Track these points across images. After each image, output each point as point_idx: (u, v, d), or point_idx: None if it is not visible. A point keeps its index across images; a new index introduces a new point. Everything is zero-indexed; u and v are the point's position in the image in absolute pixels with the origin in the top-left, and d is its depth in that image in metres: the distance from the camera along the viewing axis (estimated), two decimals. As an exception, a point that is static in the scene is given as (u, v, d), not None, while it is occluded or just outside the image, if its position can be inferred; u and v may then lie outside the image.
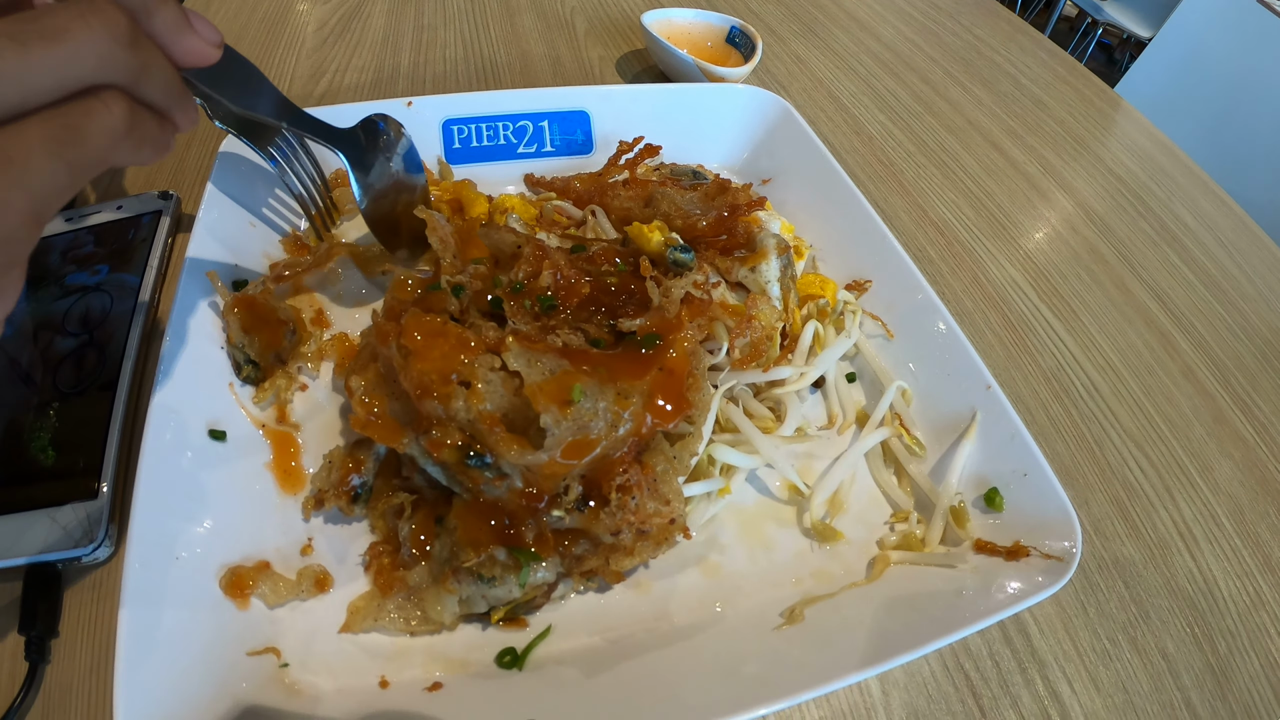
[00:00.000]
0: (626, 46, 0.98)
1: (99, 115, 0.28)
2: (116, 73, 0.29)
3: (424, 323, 0.42)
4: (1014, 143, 0.96)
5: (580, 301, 0.46)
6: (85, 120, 0.28)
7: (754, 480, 0.53)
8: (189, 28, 0.32)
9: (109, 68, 0.29)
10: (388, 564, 0.45)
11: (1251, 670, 0.54)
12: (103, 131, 0.29)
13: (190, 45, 0.33)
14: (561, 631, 0.44)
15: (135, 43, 0.29)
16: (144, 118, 0.31)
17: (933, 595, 0.47)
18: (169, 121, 0.33)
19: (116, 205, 0.64)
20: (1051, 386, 0.68)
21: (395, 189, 0.58)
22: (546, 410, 0.39)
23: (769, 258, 0.54)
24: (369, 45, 0.92)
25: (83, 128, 0.28)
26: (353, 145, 0.56)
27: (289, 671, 0.42)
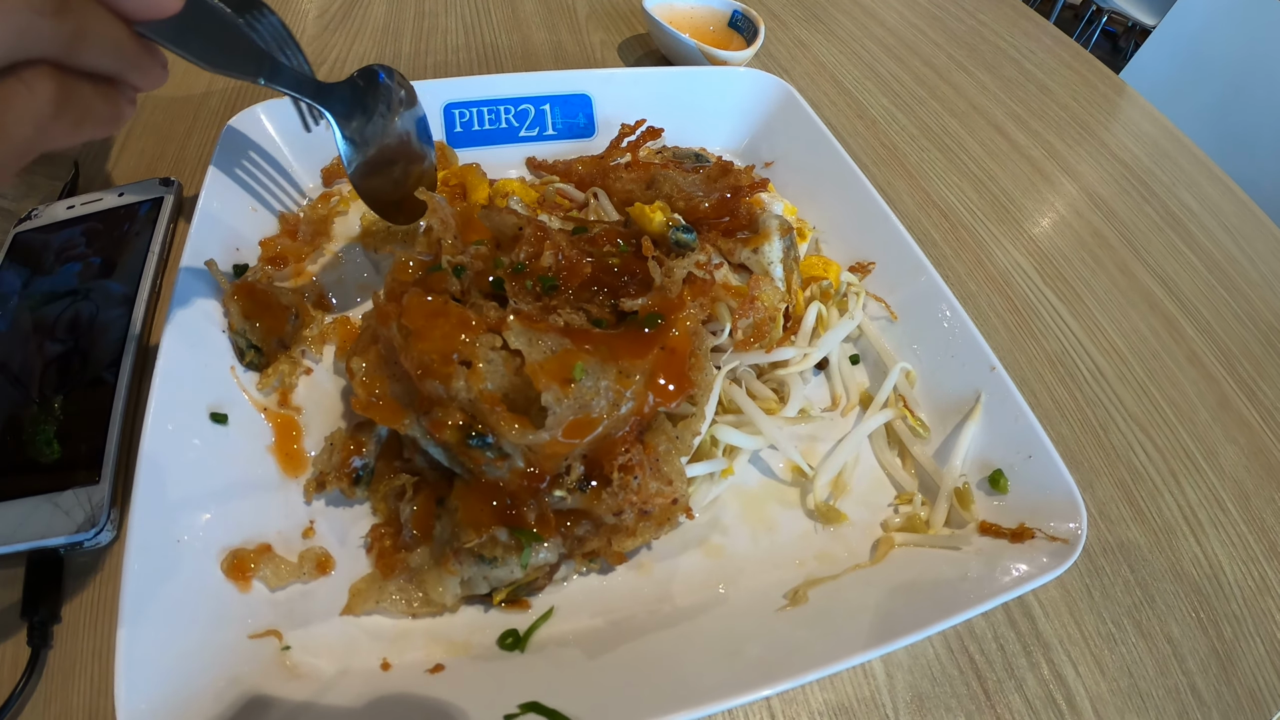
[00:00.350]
0: (628, 31, 0.98)
1: (17, 101, 0.25)
2: (40, 45, 0.25)
3: (425, 303, 0.41)
4: (1018, 127, 0.96)
5: (582, 282, 0.46)
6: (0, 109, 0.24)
7: (757, 461, 0.53)
8: None
9: (29, 40, 0.25)
10: (389, 546, 0.45)
11: (1257, 655, 0.54)
12: (23, 120, 0.25)
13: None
14: (563, 613, 0.44)
15: (61, 8, 0.25)
16: (81, 92, 0.27)
17: (937, 577, 0.47)
18: (122, 86, 0.29)
19: (118, 192, 0.64)
20: (1056, 370, 0.67)
21: (396, 155, 0.54)
22: (548, 389, 0.38)
23: (772, 239, 0.53)
24: (370, 32, 0.91)
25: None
26: (340, 101, 0.51)
27: (291, 654, 0.42)
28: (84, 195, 0.63)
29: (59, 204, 0.63)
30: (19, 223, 0.61)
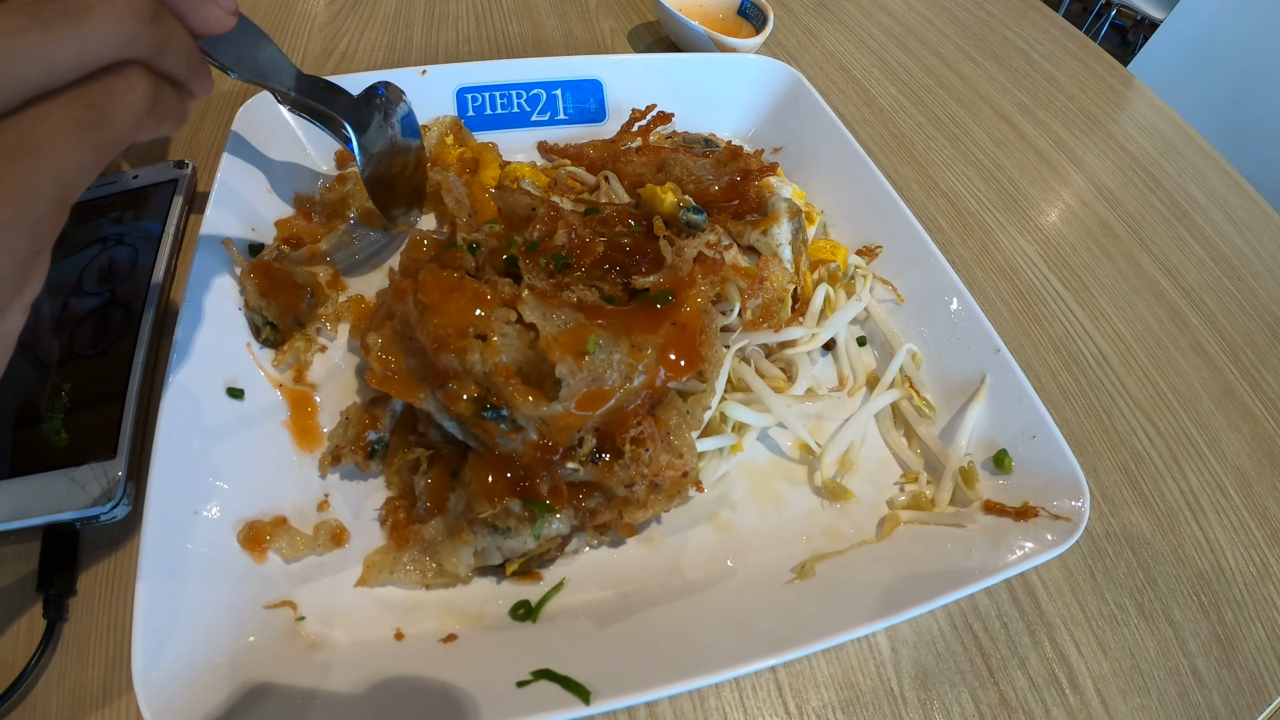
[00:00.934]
0: (639, 19, 0.98)
1: (123, 95, 0.28)
2: (139, 49, 0.28)
3: (441, 278, 0.42)
4: (1025, 117, 0.96)
5: (594, 260, 0.47)
6: (110, 100, 0.28)
7: (765, 439, 0.54)
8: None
9: (132, 44, 0.28)
10: (403, 518, 0.46)
11: (1257, 640, 0.54)
12: (127, 111, 0.28)
13: (208, 14, 0.32)
14: (574, 585, 0.45)
15: (157, 17, 0.29)
16: (165, 91, 0.31)
17: (941, 554, 0.48)
18: (186, 91, 0.33)
19: (133, 175, 0.64)
20: (1060, 355, 0.68)
21: (392, 152, 0.58)
22: (562, 361, 0.39)
23: (780, 221, 0.54)
24: (381, 19, 0.92)
25: (108, 108, 0.27)
26: (357, 115, 0.55)
27: (305, 624, 0.43)
28: (100, 178, 0.64)
29: (76, 185, 0.63)
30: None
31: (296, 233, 0.59)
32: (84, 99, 0.27)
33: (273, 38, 0.48)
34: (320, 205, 0.61)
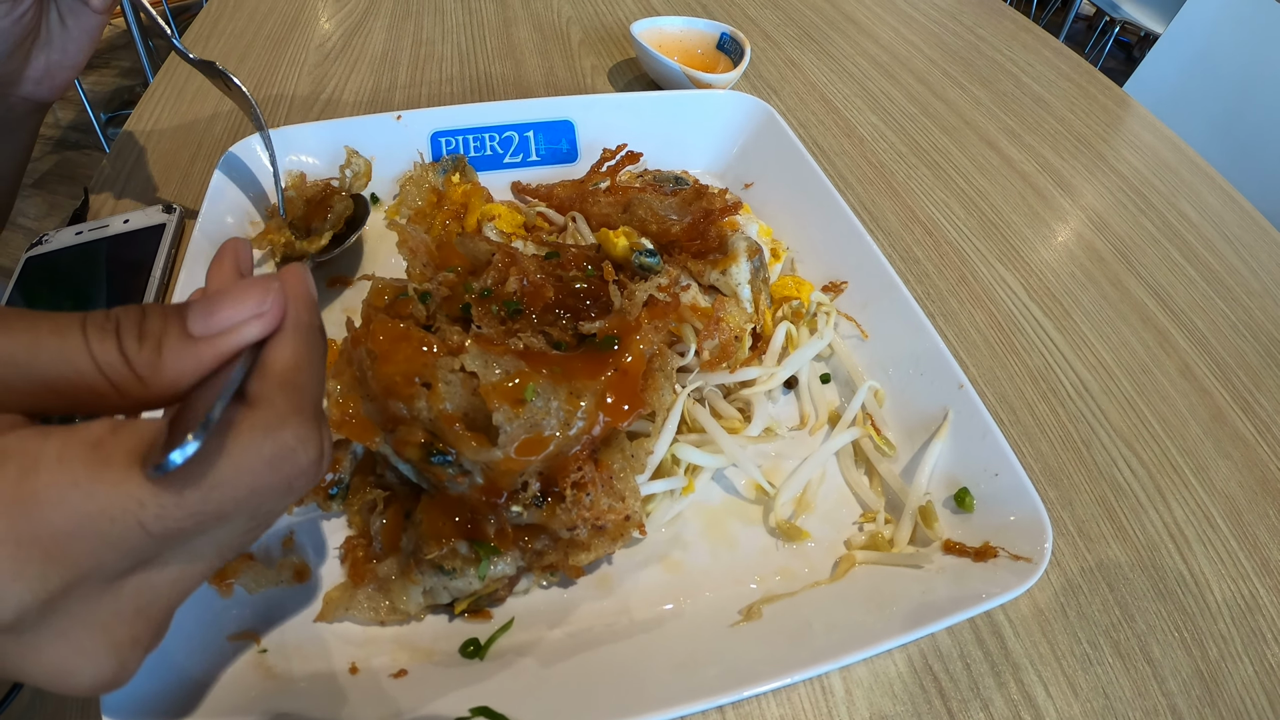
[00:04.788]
0: (620, 55, 1.00)
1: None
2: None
3: (389, 327, 0.43)
4: (1011, 142, 0.96)
5: (546, 305, 0.48)
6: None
7: (720, 479, 0.54)
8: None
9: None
10: (361, 556, 0.47)
11: (1244, 676, 0.53)
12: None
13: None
14: (523, 624, 0.46)
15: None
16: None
17: (897, 594, 0.47)
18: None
19: (124, 219, 0.67)
20: (1038, 386, 0.67)
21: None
22: (499, 409, 0.40)
23: (739, 260, 0.55)
24: (368, 61, 0.95)
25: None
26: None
27: (267, 656, 0.44)
28: (92, 221, 0.67)
29: (68, 230, 0.66)
30: (30, 248, 0.65)
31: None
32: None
33: (264, 78, 0.51)
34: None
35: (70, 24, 0.57)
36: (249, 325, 0.27)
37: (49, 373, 0.24)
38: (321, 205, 0.65)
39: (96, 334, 0.25)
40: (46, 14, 0.57)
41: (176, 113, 0.88)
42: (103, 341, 0.25)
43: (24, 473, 0.22)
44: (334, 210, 0.64)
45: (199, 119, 0.86)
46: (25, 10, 0.54)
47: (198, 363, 0.26)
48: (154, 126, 0.85)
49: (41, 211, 2.54)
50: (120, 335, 0.25)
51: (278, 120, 0.86)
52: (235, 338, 0.26)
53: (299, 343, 0.28)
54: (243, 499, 0.25)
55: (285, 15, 1.08)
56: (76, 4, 0.57)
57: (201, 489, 0.23)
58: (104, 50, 3.54)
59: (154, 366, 0.25)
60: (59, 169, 2.75)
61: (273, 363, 0.27)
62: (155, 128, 0.85)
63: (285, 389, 0.26)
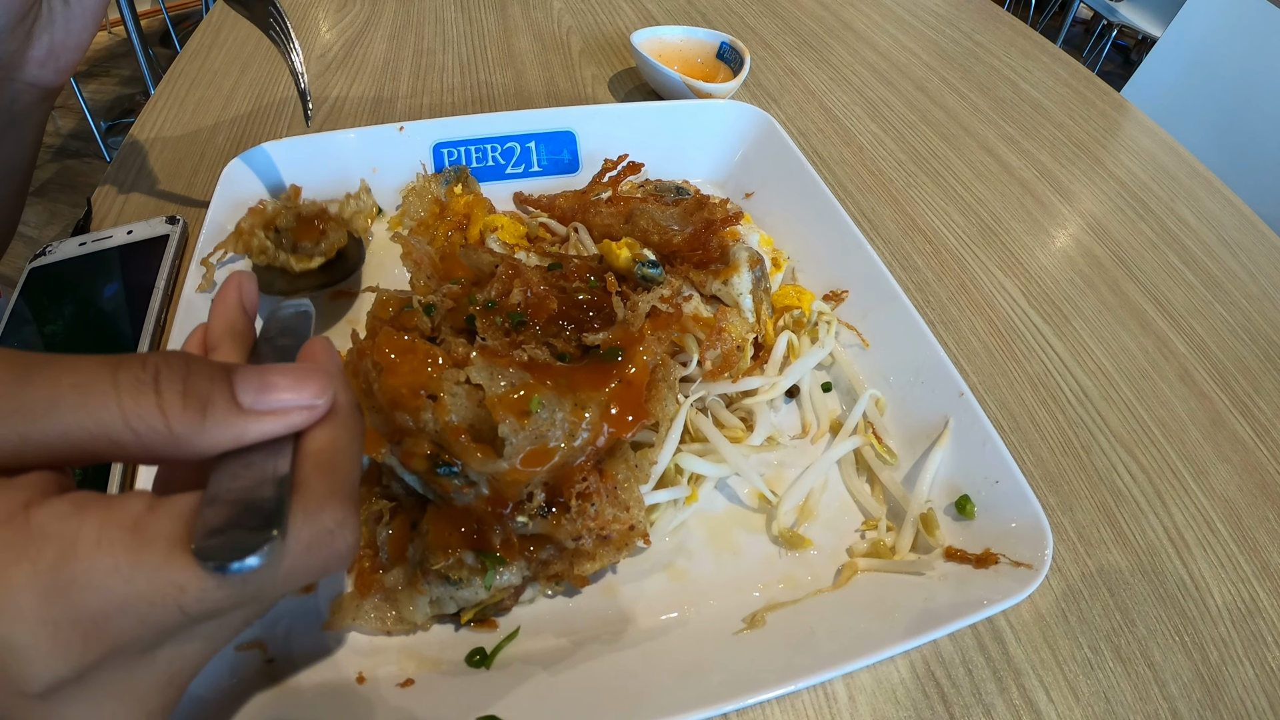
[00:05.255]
0: (620, 65, 1.01)
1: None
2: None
3: (394, 340, 0.44)
4: (1010, 148, 0.96)
5: (550, 317, 0.48)
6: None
7: (724, 488, 0.54)
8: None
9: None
10: (368, 567, 0.48)
11: (1245, 679, 0.53)
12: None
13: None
14: (529, 633, 0.46)
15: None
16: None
17: (897, 601, 0.48)
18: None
19: (127, 230, 0.68)
20: (1038, 393, 0.68)
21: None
22: (504, 420, 0.40)
23: (741, 271, 0.55)
24: (370, 71, 0.96)
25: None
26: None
27: (275, 666, 0.45)
28: (96, 232, 0.68)
29: (72, 240, 0.67)
30: (34, 259, 0.65)
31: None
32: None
33: (266, 89, 0.51)
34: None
35: (73, 2, 0.57)
36: (299, 414, 0.26)
37: (69, 427, 0.23)
38: (312, 226, 0.63)
39: (132, 389, 0.24)
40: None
41: (179, 123, 0.88)
42: (139, 399, 0.24)
43: (63, 557, 0.22)
44: (328, 238, 0.62)
45: (201, 129, 0.87)
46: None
47: (240, 437, 0.25)
48: (156, 137, 0.86)
49: (42, 220, 2.54)
50: (160, 391, 0.24)
51: (278, 131, 0.87)
52: (283, 422, 0.26)
53: (337, 425, 0.28)
54: (281, 583, 0.25)
55: (287, 25, 1.08)
56: None
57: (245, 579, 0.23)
58: (104, 59, 3.55)
59: (194, 430, 0.24)
60: (59, 177, 2.76)
61: (311, 445, 0.27)
62: (158, 138, 0.85)
63: (322, 472, 0.26)
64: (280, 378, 0.26)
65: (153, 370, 0.24)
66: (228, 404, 0.25)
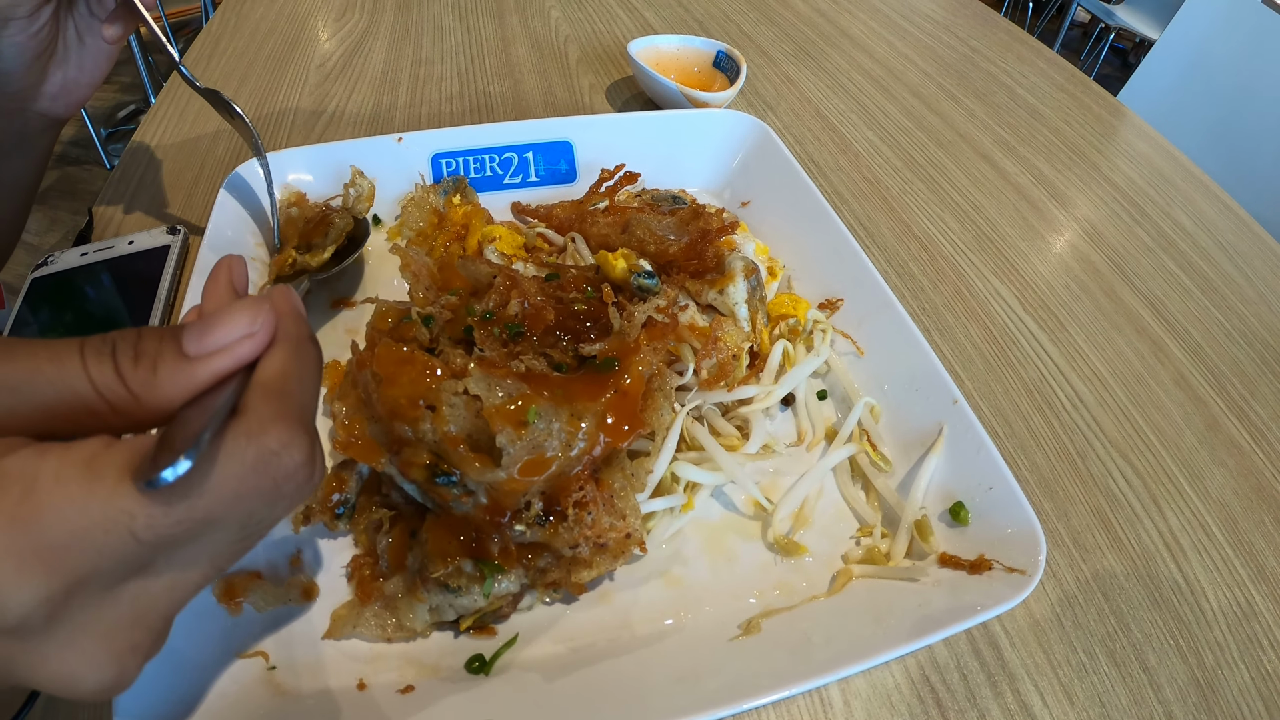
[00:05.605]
0: (617, 74, 1.01)
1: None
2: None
3: (393, 351, 0.45)
4: (1006, 154, 0.97)
5: (547, 328, 0.49)
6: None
7: (720, 495, 0.55)
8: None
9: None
10: (368, 575, 0.48)
11: (1241, 683, 0.53)
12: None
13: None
14: (527, 640, 0.47)
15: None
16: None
17: (892, 607, 0.48)
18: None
19: (128, 240, 0.68)
20: (1033, 399, 0.68)
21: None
22: (502, 431, 0.41)
23: (736, 280, 0.56)
24: (368, 81, 0.96)
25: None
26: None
27: (276, 673, 0.45)
28: (97, 242, 0.68)
29: (74, 250, 0.68)
30: (36, 268, 0.66)
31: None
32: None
33: (265, 99, 0.52)
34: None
35: (88, 41, 0.59)
36: (241, 345, 0.28)
37: (48, 397, 0.26)
38: (321, 224, 0.66)
39: (94, 357, 0.26)
40: (64, 31, 0.58)
41: (179, 133, 0.89)
42: (99, 364, 0.26)
43: (25, 493, 0.23)
44: (334, 227, 0.65)
45: (201, 140, 0.87)
46: (42, 26, 0.55)
47: (191, 381, 0.27)
48: (157, 147, 0.87)
49: (43, 227, 2.55)
50: (116, 356, 0.26)
51: (279, 141, 0.88)
52: (228, 357, 0.28)
53: (286, 354, 0.29)
54: (229, 504, 0.26)
55: (286, 35, 1.09)
56: (94, 22, 0.58)
57: (188, 498, 0.25)
58: (105, 66, 3.56)
59: (149, 385, 0.26)
60: (60, 185, 2.77)
61: (260, 374, 0.28)
62: (158, 148, 0.86)
63: (269, 396, 0.27)
64: (215, 318, 0.28)
65: (111, 341, 0.27)
66: (175, 355, 0.27)
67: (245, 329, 0.28)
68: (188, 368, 0.27)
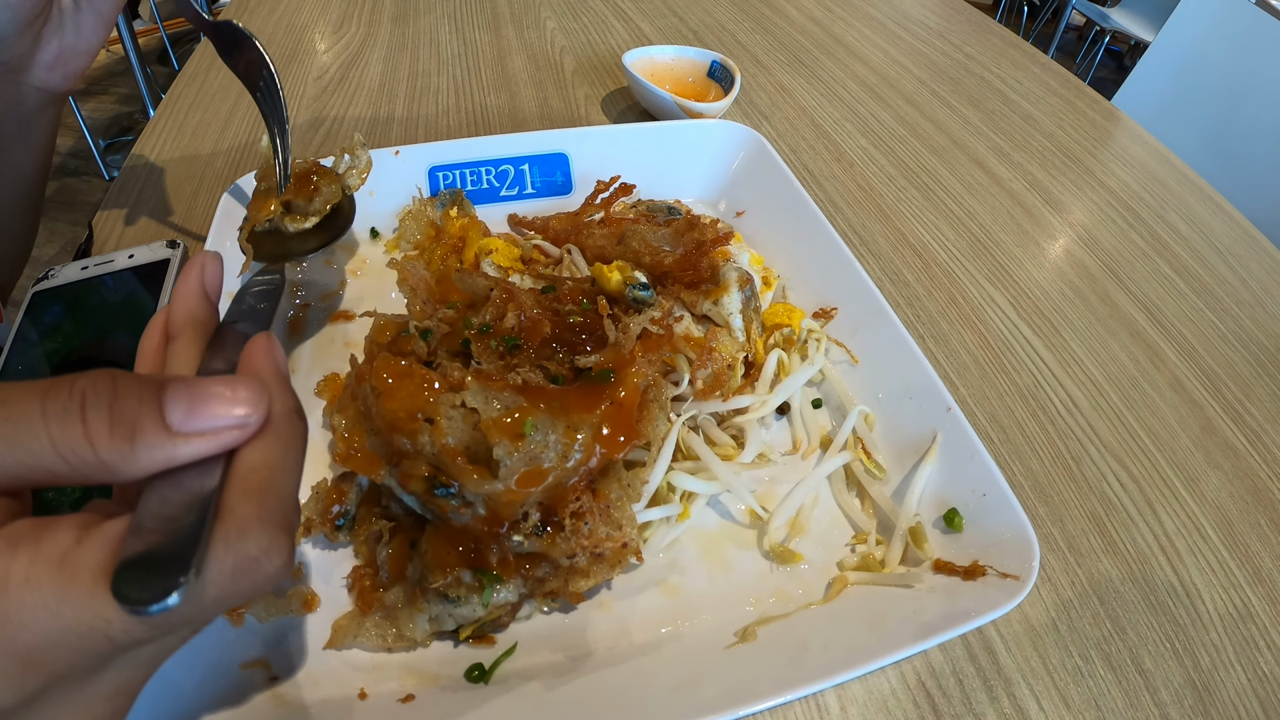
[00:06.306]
0: (613, 84, 1.02)
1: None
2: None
3: (392, 365, 0.45)
4: (1000, 160, 0.97)
5: (543, 340, 0.50)
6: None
7: (716, 504, 0.55)
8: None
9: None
10: (368, 585, 0.49)
11: (1238, 684, 0.54)
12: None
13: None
14: (526, 648, 0.47)
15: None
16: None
17: (887, 613, 0.49)
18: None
19: (129, 254, 0.69)
20: (1028, 404, 0.69)
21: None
22: (499, 443, 0.42)
23: (731, 291, 0.56)
24: (366, 93, 0.97)
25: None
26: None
27: (278, 684, 0.46)
28: (97, 256, 0.69)
29: (74, 265, 0.68)
30: (37, 282, 0.67)
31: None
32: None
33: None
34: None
35: (83, 5, 0.56)
36: (230, 433, 0.26)
37: (5, 460, 0.23)
38: (306, 181, 0.62)
39: (59, 417, 0.23)
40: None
41: (178, 146, 0.90)
42: (66, 427, 0.23)
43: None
44: (320, 194, 0.61)
45: (200, 154, 0.88)
46: None
47: (171, 459, 0.25)
48: (156, 160, 0.87)
49: (42, 238, 2.55)
50: (86, 419, 0.23)
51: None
52: (213, 442, 0.25)
53: (269, 442, 0.27)
54: (207, 610, 0.25)
55: (284, 47, 1.10)
56: None
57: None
58: (102, 77, 3.59)
59: (124, 457, 0.24)
60: (58, 196, 2.79)
61: (241, 464, 0.26)
62: (157, 161, 0.87)
63: (249, 495, 0.25)
64: (211, 393, 0.25)
65: (79, 397, 0.24)
66: (156, 426, 0.24)
67: (238, 418, 0.26)
68: (169, 444, 0.24)
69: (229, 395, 0.26)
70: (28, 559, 0.23)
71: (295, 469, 0.28)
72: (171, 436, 0.25)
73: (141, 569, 0.22)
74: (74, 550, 0.23)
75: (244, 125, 0.93)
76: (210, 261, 0.33)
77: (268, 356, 0.30)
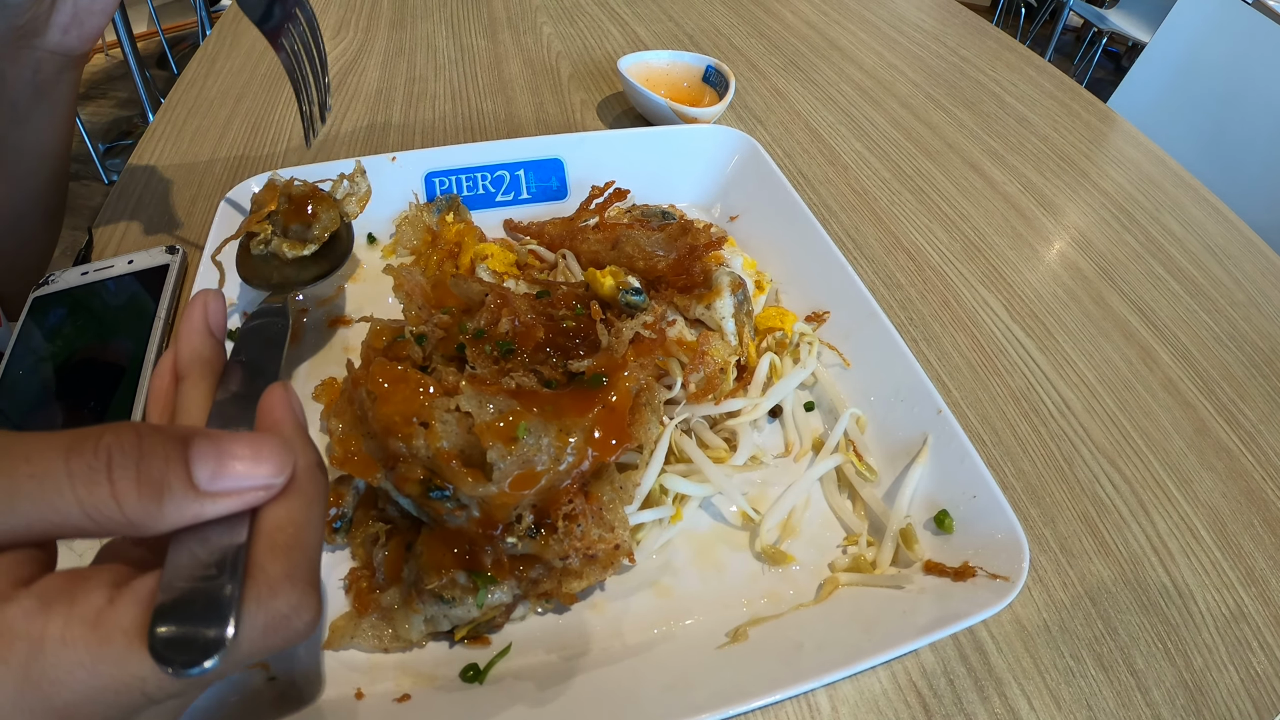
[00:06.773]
0: (608, 89, 1.03)
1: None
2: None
3: (387, 369, 0.46)
4: (994, 163, 0.98)
5: (537, 345, 0.50)
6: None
7: (708, 507, 0.56)
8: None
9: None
10: (365, 587, 0.50)
11: (1230, 684, 0.54)
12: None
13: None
14: (520, 649, 0.48)
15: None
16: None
17: (878, 614, 0.49)
18: None
19: (128, 259, 0.70)
20: (1020, 406, 0.69)
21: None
22: (493, 446, 0.42)
23: (723, 295, 0.57)
24: (363, 99, 0.98)
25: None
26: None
27: (276, 683, 0.46)
28: (97, 262, 0.70)
29: (74, 270, 0.69)
30: (37, 287, 0.67)
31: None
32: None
33: (260, 118, 0.52)
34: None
35: None
36: (256, 494, 0.26)
37: (30, 518, 0.24)
38: (304, 208, 0.61)
39: (85, 478, 0.24)
40: None
41: (177, 152, 0.90)
42: (93, 487, 0.24)
43: (32, 655, 0.23)
44: (319, 221, 0.60)
45: (199, 158, 0.89)
46: None
47: (198, 517, 0.25)
48: (155, 166, 0.88)
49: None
50: (113, 480, 0.24)
51: (274, 161, 0.89)
52: (239, 501, 0.26)
53: (296, 500, 0.28)
54: (237, 665, 0.26)
55: (285, 54, 1.11)
56: None
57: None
58: (101, 81, 3.60)
59: (152, 516, 0.25)
60: (63, 200, 2.79)
61: (267, 522, 0.27)
62: (156, 167, 0.88)
63: (277, 553, 0.26)
64: (237, 453, 0.26)
65: (105, 456, 0.24)
66: (184, 486, 0.25)
67: (265, 479, 0.26)
68: (196, 503, 0.25)
69: (253, 455, 0.26)
70: (63, 620, 0.23)
71: (319, 523, 0.29)
72: (199, 496, 0.25)
73: (178, 630, 0.23)
74: (108, 611, 0.24)
75: (241, 131, 0.93)
76: (213, 299, 0.34)
77: (286, 410, 0.30)
